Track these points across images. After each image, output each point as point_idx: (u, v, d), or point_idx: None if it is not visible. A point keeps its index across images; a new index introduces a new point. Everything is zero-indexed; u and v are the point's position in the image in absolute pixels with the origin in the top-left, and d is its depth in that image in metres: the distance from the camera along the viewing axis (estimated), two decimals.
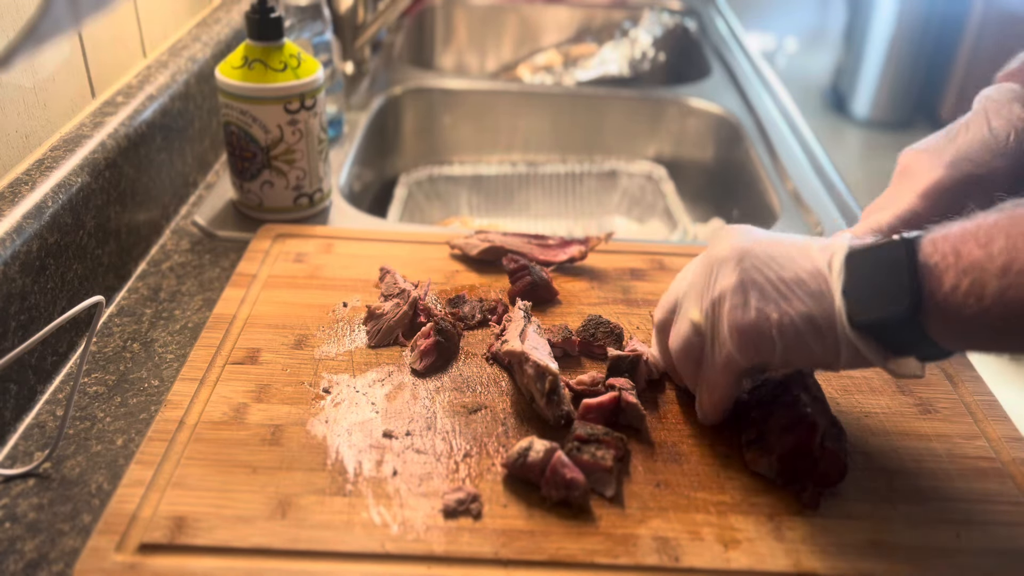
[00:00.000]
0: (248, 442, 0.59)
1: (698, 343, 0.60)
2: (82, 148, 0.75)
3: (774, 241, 0.57)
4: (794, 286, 0.54)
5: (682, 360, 0.62)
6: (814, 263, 0.54)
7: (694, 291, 0.60)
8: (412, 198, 1.27)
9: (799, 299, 0.54)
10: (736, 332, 0.56)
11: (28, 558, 0.53)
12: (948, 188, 0.67)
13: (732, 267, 0.57)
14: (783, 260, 0.55)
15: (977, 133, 0.68)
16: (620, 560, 0.52)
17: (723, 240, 0.59)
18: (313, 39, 1.05)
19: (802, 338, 0.54)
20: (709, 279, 0.58)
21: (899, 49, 3.66)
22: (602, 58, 1.61)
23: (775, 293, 0.55)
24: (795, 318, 0.54)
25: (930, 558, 0.54)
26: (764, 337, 0.55)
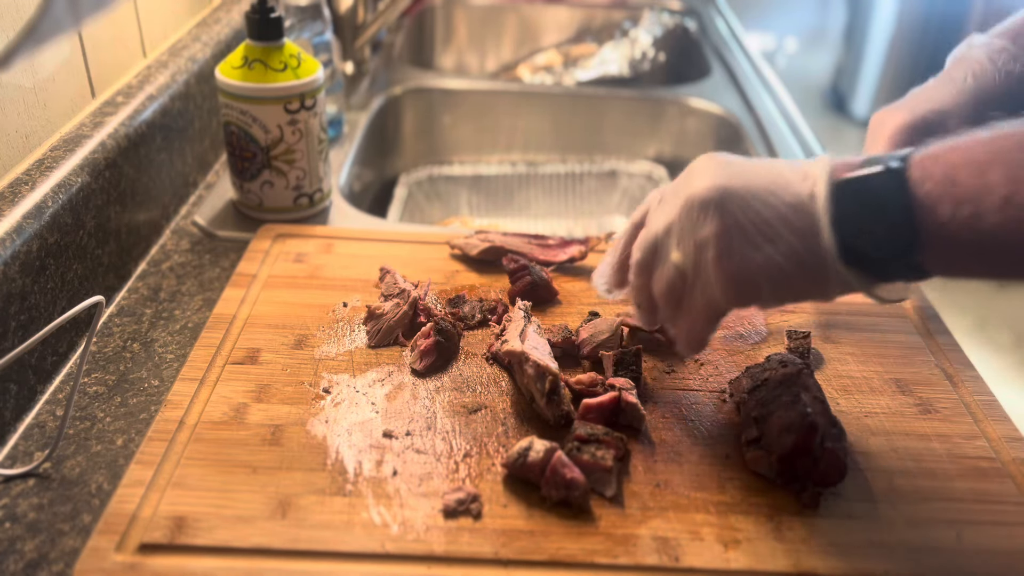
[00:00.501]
0: (248, 442, 0.59)
1: (681, 284, 0.58)
2: (82, 148, 0.75)
3: (752, 173, 0.55)
4: (778, 225, 0.52)
5: (666, 301, 0.59)
6: (796, 195, 0.52)
7: (674, 231, 0.57)
8: (412, 198, 1.27)
9: (784, 240, 0.52)
10: (723, 279, 0.54)
11: (28, 558, 0.53)
12: (911, 127, 0.70)
13: (713, 210, 0.54)
14: (765, 196, 0.53)
15: (938, 83, 0.72)
16: (620, 560, 0.52)
17: (701, 175, 0.56)
18: (313, 39, 1.05)
19: (789, 279, 0.53)
20: (690, 220, 0.56)
21: (899, 49, 3.66)
22: (602, 58, 1.61)
23: (759, 236, 0.53)
24: (782, 260, 0.52)
25: (930, 558, 0.54)
26: (751, 283, 0.53)
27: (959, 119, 0.70)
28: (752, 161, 0.57)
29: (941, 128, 0.69)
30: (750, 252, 0.53)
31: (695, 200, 0.55)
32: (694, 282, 0.56)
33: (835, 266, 0.51)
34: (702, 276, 0.55)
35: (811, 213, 0.51)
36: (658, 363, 0.71)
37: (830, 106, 3.99)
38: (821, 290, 0.53)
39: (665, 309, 0.60)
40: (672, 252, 0.57)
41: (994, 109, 0.70)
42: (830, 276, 0.52)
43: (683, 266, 0.56)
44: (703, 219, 0.55)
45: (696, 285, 0.56)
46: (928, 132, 0.69)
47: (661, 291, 0.59)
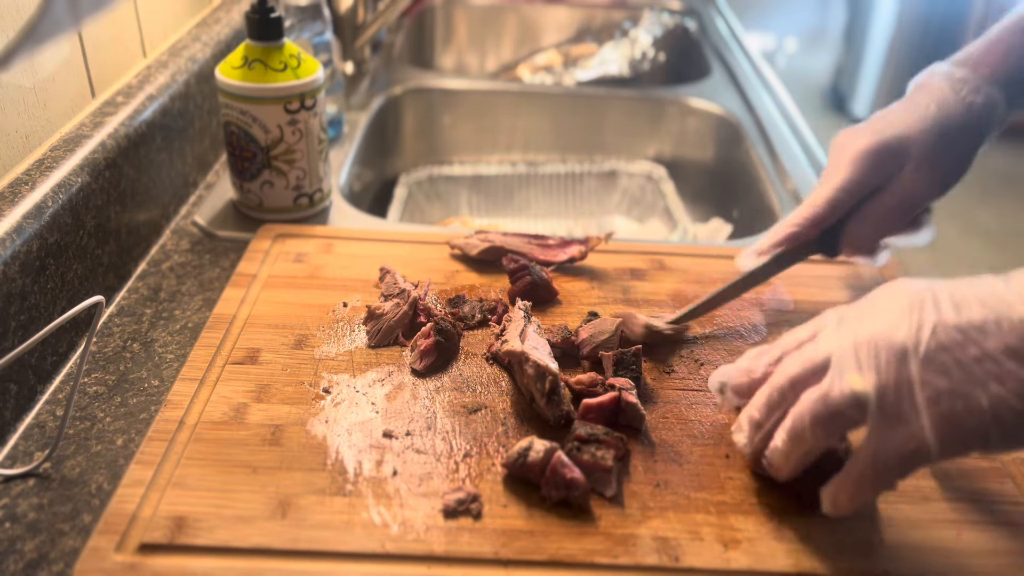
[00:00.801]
0: (248, 442, 0.59)
1: (851, 416, 0.49)
2: (82, 148, 0.75)
3: (960, 302, 0.48)
4: (1005, 360, 0.45)
5: (817, 427, 0.51)
6: (1013, 322, 0.46)
7: (857, 357, 0.49)
8: (412, 198, 1.27)
9: (1015, 376, 0.45)
10: (942, 427, 0.46)
11: (28, 558, 0.53)
12: (875, 151, 0.71)
13: (923, 348, 0.47)
14: (984, 327, 0.46)
15: (901, 107, 0.73)
16: (620, 560, 0.52)
17: (897, 305, 0.50)
18: (313, 39, 1.05)
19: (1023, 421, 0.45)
20: (887, 352, 0.48)
21: (899, 49, 3.67)
22: (602, 58, 1.61)
23: (983, 374, 0.46)
24: (1012, 400, 0.45)
25: (930, 558, 0.54)
26: (977, 430, 0.46)
27: (921, 147, 0.71)
28: (952, 285, 0.49)
29: (903, 155, 0.71)
30: (975, 395, 0.46)
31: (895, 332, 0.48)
32: (883, 424, 0.48)
33: None
34: (903, 421, 0.47)
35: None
36: (658, 363, 0.71)
37: (830, 106, 4.00)
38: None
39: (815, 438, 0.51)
40: (851, 376, 0.49)
41: (956, 139, 0.72)
42: None
43: (865, 397, 0.48)
44: (908, 356, 0.47)
45: (889, 431, 0.48)
46: (891, 158, 0.71)
47: (817, 414, 0.50)
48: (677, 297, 0.79)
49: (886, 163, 0.71)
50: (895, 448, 0.48)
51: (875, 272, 0.85)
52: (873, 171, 0.71)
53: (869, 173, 0.71)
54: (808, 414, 0.51)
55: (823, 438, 0.51)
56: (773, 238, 0.75)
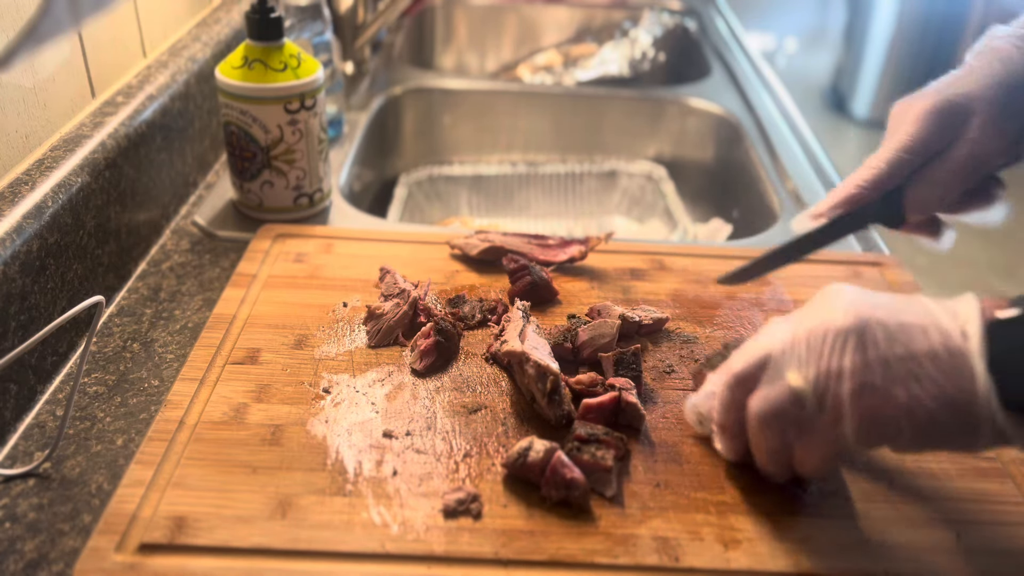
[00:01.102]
0: (248, 442, 0.59)
1: (791, 413, 0.52)
2: (82, 148, 0.75)
3: (894, 306, 0.51)
4: (926, 362, 0.48)
5: (765, 426, 0.54)
6: (945, 333, 0.49)
7: (797, 354, 0.52)
8: (412, 198, 1.27)
9: (932, 379, 0.48)
10: (859, 419, 0.50)
11: (28, 558, 0.53)
12: (938, 109, 0.67)
13: (854, 341, 0.50)
14: (911, 331, 0.49)
15: (961, 72, 0.69)
16: (620, 560, 0.52)
17: (836, 304, 0.52)
18: (313, 39, 1.05)
19: (936, 422, 0.48)
20: (821, 346, 0.51)
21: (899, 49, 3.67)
22: (602, 58, 1.61)
23: (904, 372, 0.49)
24: (929, 402, 0.48)
25: (930, 558, 0.54)
26: (891, 423, 0.49)
27: (987, 104, 0.66)
28: (890, 295, 0.53)
29: (968, 113, 0.66)
30: (894, 390, 0.49)
31: (830, 326, 0.51)
32: (815, 414, 0.52)
33: (989, 413, 0.47)
34: (831, 411, 0.51)
35: (963, 353, 0.48)
36: (658, 363, 0.71)
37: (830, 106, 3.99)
38: (969, 438, 0.49)
39: (762, 433, 0.54)
40: (789, 374, 0.52)
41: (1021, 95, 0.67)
42: (981, 423, 0.47)
43: (802, 393, 0.51)
44: (840, 348, 0.51)
45: (819, 418, 0.52)
46: (956, 116, 0.67)
47: (761, 414, 0.54)
48: (677, 297, 0.79)
49: (950, 121, 0.67)
50: (825, 435, 0.52)
51: (875, 274, 0.85)
52: (937, 130, 0.67)
53: (933, 132, 0.67)
54: (755, 416, 0.54)
55: (776, 436, 0.54)
56: (831, 200, 0.70)
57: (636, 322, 0.72)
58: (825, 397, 0.51)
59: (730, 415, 0.57)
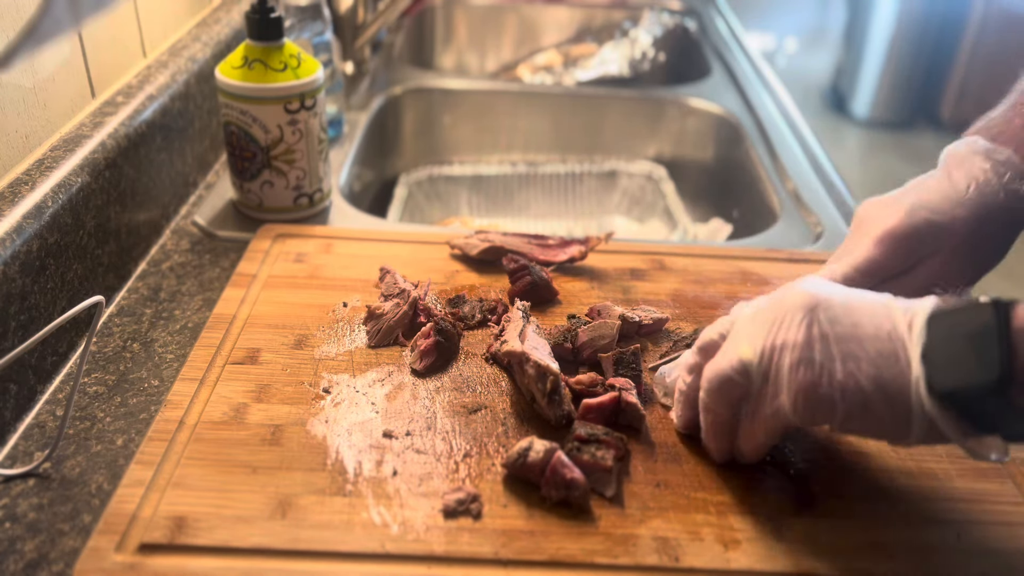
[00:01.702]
0: (248, 442, 0.59)
1: (739, 384, 0.54)
2: (82, 148, 0.75)
3: (851, 293, 0.53)
4: (866, 344, 0.50)
5: (714, 397, 0.56)
6: (893, 322, 0.50)
7: (751, 327, 0.54)
8: (412, 198, 1.27)
9: (869, 360, 0.49)
10: (796, 390, 0.51)
11: (28, 558, 0.53)
12: (905, 235, 0.65)
13: (801, 316, 0.52)
14: (860, 315, 0.51)
15: (937, 184, 0.67)
16: (620, 560, 0.52)
17: (798, 286, 0.54)
18: (313, 39, 1.05)
19: (869, 404, 0.49)
20: (773, 320, 0.53)
21: (899, 49, 3.67)
22: (602, 58, 1.61)
23: (845, 351, 0.50)
24: (862, 381, 0.49)
25: (930, 558, 0.54)
26: (825, 399, 0.50)
27: (957, 236, 0.65)
28: (857, 290, 0.54)
29: (934, 242, 0.65)
30: (831, 365, 0.50)
31: (786, 303, 0.53)
32: (762, 387, 0.54)
33: (921, 399, 0.48)
34: (773, 382, 0.53)
35: (903, 341, 0.49)
36: (659, 362, 0.71)
37: (830, 106, 4.00)
38: (902, 426, 0.49)
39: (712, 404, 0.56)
40: (741, 344, 0.54)
41: (996, 229, 0.66)
42: (913, 411, 0.48)
43: (749, 363, 0.53)
44: (789, 322, 0.52)
45: (765, 392, 0.53)
46: (922, 245, 0.65)
47: (712, 381, 0.56)
48: (677, 297, 0.79)
49: (915, 249, 0.66)
50: (766, 410, 0.54)
51: None
52: (899, 256, 0.66)
53: (894, 258, 0.66)
54: (705, 382, 0.56)
55: (723, 405, 0.56)
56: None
57: (636, 322, 0.72)
58: (769, 369, 0.53)
59: (693, 382, 0.59)
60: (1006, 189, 0.65)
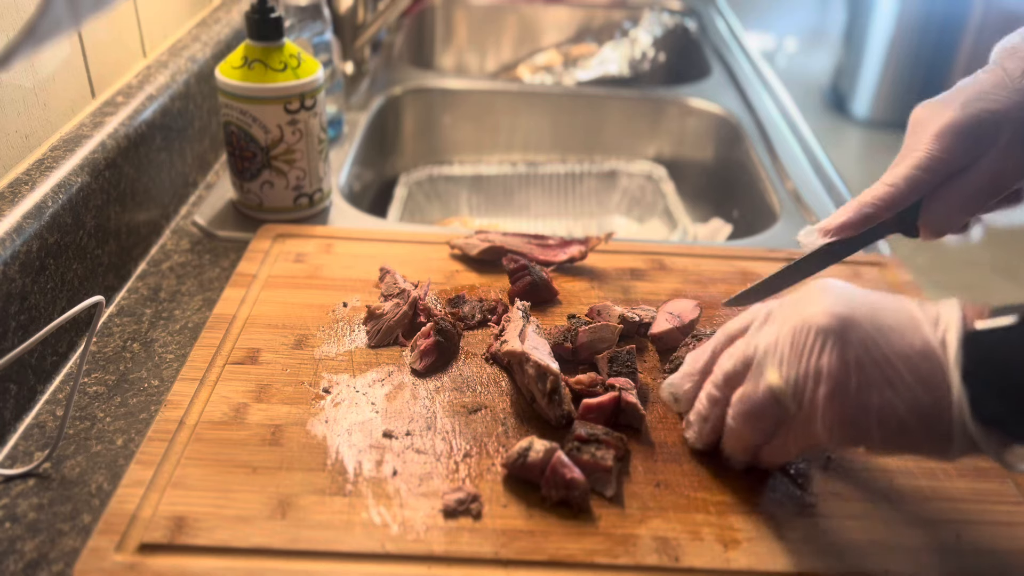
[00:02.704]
0: (248, 442, 0.59)
1: (772, 412, 0.53)
2: (82, 148, 0.75)
3: (877, 308, 0.51)
4: (903, 369, 0.48)
5: (744, 422, 0.55)
6: (924, 339, 0.48)
7: (776, 353, 0.53)
8: (412, 198, 1.27)
9: (908, 385, 0.48)
10: (832, 419, 0.50)
11: (28, 558, 0.53)
12: (963, 127, 0.63)
13: (833, 342, 0.50)
14: (890, 335, 0.49)
15: (990, 76, 0.64)
16: (620, 560, 0.52)
17: (819, 301, 0.52)
18: (313, 39, 1.05)
19: (907, 429, 0.48)
20: (801, 346, 0.51)
21: (899, 49, 3.66)
22: (602, 58, 1.61)
23: (880, 376, 0.49)
24: (902, 408, 0.48)
25: (930, 558, 0.54)
26: (862, 427, 0.49)
27: (1016, 123, 0.63)
28: (875, 294, 0.53)
29: (994, 132, 0.63)
30: (867, 394, 0.49)
31: (812, 325, 0.51)
32: (795, 414, 0.52)
33: (961, 423, 0.47)
34: (805, 409, 0.51)
35: (940, 362, 0.47)
36: (657, 363, 0.71)
37: (830, 106, 3.99)
38: (942, 447, 0.49)
39: (743, 432, 0.56)
40: (769, 373, 0.53)
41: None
42: (954, 434, 0.47)
43: (781, 392, 0.52)
44: (819, 348, 0.50)
45: (796, 417, 0.52)
46: (980, 136, 0.63)
47: (743, 412, 0.55)
48: (677, 297, 0.79)
49: (974, 141, 0.63)
50: (798, 433, 0.53)
51: (875, 274, 0.85)
52: (960, 149, 0.63)
53: (955, 151, 0.63)
54: (737, 414, 0.55)
55: (757, 432, 0.55)
56: (843, 217, 0.67)
57: (636, 322, 0.72)
58: (802, 397, 0.51)
59: (715, 410, 0.58)
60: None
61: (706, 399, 0.58)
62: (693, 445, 0.61)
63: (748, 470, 0.59)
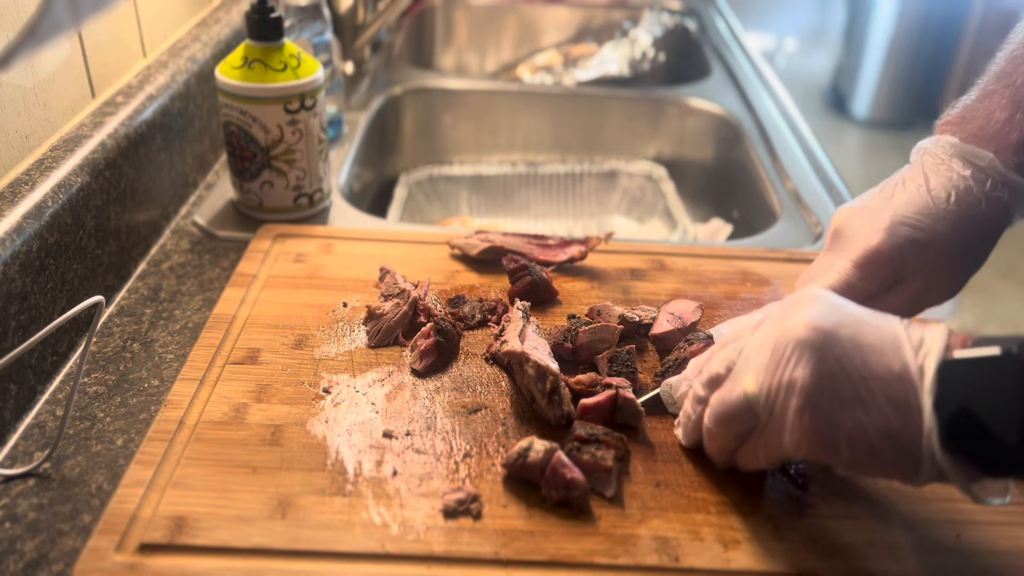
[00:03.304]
0: (248, 442, 0.59)
1: (745, 417, 0.53)
2: (82, 148, 0.75)
3: (862, 325, 0.50)
4: (877, 390, 0.48)
5: (721, 429, 0.55)
6: (903, 362, 0.48)
7: (756, 360, 0.52)
8: (412, 198, 1.27)
9: (880, 407, 0.47)
10: (801, 433, 0.50)
11: (28, 558, 0.53)
12: (885, 256, 0.62)
13: (810, 355, 0.49)
14: (869, 354, 0.48)
15: (915, 193, 0.63)
16: (620, 560, 0.52)
17: (802, 311, 0.51)
18: (313, 39, 1.05)
19: (876, 451, 0.48)
20: (780, 356, 0.51)
21: (899, 49, 3.67)
22: (602, 58, 1.61)
23: (853, 395, 0.48)
24: (872, 430, 0.48)
25: (930, 558, 0.54)
26: (832, 445, 0.49)
27: (939, 253, 0.62)
28: (864, 311, 0.51)
29: (918, 260, 0.62)
30: (839, 411, 0.48)
31: (791, 336, 0.50)
32: (766, 423, 0.52)
33: (931, 451, 0.46)
34: (776, 421, 0.51)
35: (915, 387, 0.47)
36: (657, 363, 0.71)
37: (830, 106, 3.99)
38: (910, 473, 0.48)
39: (716, 435, 0.56)
40: (747, 379, 0.52)
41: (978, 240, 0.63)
42: (923, 460, 0.47)
43: (753, 399, 0.52)
44: (795, 360, 0.50)
45: (767, 428, 0.52)
46: (902, 264, 0.62)
47: (718, 414, 0.55)
48: (677, 297, 0.79)
49: (895, 271, 0.62)
50: (768, 442, 0.53)
51: None
52: (879, 278, 0.63)
53: (875, 280, 0.63)
54: (712, 415, 0.56)
55: (731, 436, 0.55)
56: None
57: (636, 322, 0.72)
58: (775, 406, 0.51)
59: (698, 408, 0.58)
60: (988, 198, 0.61)
61: (691, 398, 0.59)
62: (681, 442, 0.61)
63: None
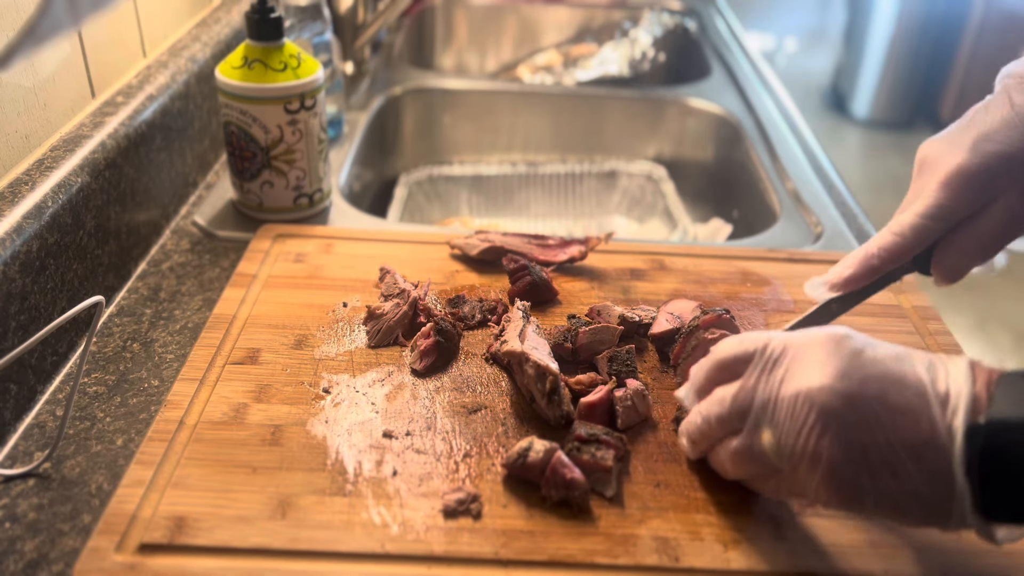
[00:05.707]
0: (248, 442, 0.59)
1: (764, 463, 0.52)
2: (82, 148, 0.75)
3: (887, 383, 0.48)
4: (906, 457, 0.46)
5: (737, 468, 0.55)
6: (932, 425, 0.46)
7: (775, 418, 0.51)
8: (412, 198, 1.27)
9: (909, 474, 0.46)
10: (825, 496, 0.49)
11: (28, 558, 0.53)
12: (972, 173, 0.59)
13: (835, 425, 0.48)
14: (897, 419, 0.47)
15: (998, 112, 0.60)
16: (620, 560, 0.52)
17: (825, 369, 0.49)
18: (313, 39, 1.05)
19: (903, 511, 0.48)
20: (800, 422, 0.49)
21: (899, 49, 3.67)
22: (602, 58, 1.61)
23: (881, 463, 0.47)
24: (898, 495, 0.47)
25: (930, 558, 0.54)
26: (856, 507, 0.49)
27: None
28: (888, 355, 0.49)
29: (1005, 176, 0.59)
30: (867, 481, 0.47)
31: (813, 401, 0.48)
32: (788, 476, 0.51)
33: (961, 511, 0.46)
34: (800, 479, 0.50)
35: (945, 453, 0.46)
36: (657, 363, 0.71)
37: (830, 106, 4.00)
38: (936, 525, 0.48)
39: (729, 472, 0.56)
40: (764, 433, 0.51)
41: None
42: (952, 517, 0.46)
43: (773, 454, 0.51)
44: (819, 431, 0.48)
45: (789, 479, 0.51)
46: (991, 182, 0.59)
47: (735, 459, 0.54)
48: (677, 297, 0.79)
49: (985, 187, 0.60)
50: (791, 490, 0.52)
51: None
52: (969, 197, 0.60)
53: (964, 199, 0.60)
54: (727, 459, 0.55)
55: (744, 474, 0.55)
56: (848, 271, 0.64)
57: (636, 322, 0.72)
58: (798, 467, 0.50)
59: (704, 443, 0.57)
60: None
61: (697, 429, 0.57)
62: (685, 453, 0.60)
63: None
